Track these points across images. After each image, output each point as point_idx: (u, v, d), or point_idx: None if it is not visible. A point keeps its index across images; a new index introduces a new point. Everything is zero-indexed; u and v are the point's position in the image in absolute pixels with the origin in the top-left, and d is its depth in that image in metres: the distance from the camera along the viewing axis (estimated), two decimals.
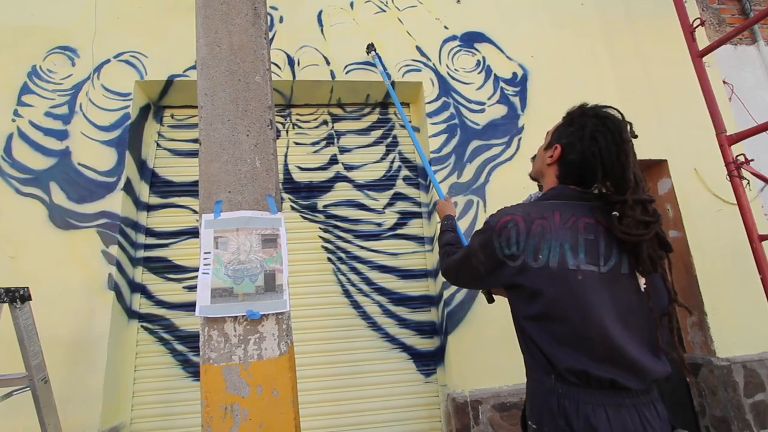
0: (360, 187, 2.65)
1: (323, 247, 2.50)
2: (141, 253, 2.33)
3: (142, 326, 2.25)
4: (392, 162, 2.73)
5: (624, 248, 0.92)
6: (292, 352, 1.19)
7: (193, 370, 2.22)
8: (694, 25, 2.32)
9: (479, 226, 2.43)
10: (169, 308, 2.28)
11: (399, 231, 2.60)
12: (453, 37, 2.79)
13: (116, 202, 2.18)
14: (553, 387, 0.90)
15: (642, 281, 0.92)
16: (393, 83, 2.60)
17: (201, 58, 1.32)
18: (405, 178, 2.70)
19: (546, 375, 0.93)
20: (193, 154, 2.53)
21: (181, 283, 2.33)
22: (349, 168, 2.67)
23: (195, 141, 2.56)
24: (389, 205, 2.65)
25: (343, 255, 2.50)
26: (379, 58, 2.51)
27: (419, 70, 2.68)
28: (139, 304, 2.27)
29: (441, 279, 2.38)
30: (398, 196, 2.67)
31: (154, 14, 2.51)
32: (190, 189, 2.46)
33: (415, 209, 2.65)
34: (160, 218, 2.41)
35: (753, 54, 3.19)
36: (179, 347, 2.24)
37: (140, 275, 2.31)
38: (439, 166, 2.51)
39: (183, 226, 2.41)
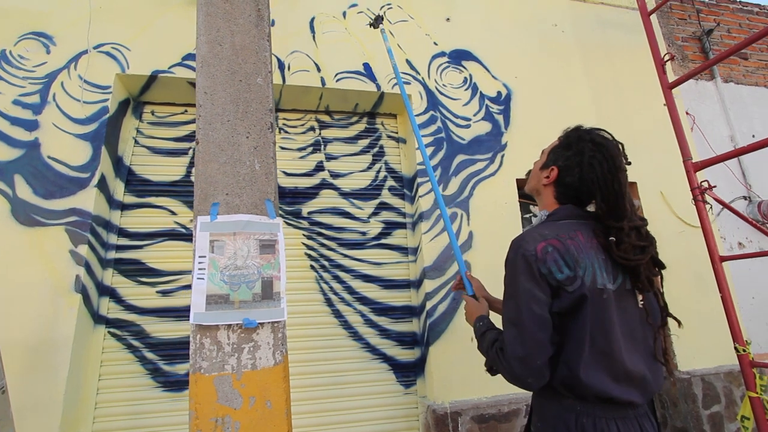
0: (345, 195, 2.63)
1: (306, 254, 2.46)
2: (112, 255, 2.20)
3: (109, 332, 2.11)
4: (378, 172, 2.74)
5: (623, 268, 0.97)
6: (287, 361, 1.16)
7: (163, 380, 2.10)
8: (665, 59, 2.50)
9: (464, 238, 2.49)
10: (140, 314, 2.16)
11: (383, 240, 2.60)
12: (442, 54, 2.86)
13: (89, 200, 2.06)
14: (571, 406, 0.92)
15: (639, 297, 0.97)
16: (382, 95, 2.63)
17: (201, 55, 1.28)
18: (390, 189, 2.72)
19: (565, 394, 0.93)
20: (173, 153, 2.44)
21: (154, 287, 2.21)
22: (335, 175, 2.66)
23: (176, 140, 2.47)
24: (374, 214, 2.65)
25: (326, 263, 2.47)
26: (385, 36, 2.24)
27: (408, 83, 2.72)
28: (108, 308, 2.14)
29: (424, 289, 2.38)
30: (383, 206, 2.67)
31: (140, 7, 2.42)
32: (169, 189, 2.37)
33: (400, 219, 2.67)
34: (134, 218, 2.29)
35: (711, 89, 3.47)
36: (149, 355, 2.12)
37: (110, 278, 2.18)
38: (425, 178, 2.55)
39: (159, 228, 2.30)
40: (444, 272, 2.40)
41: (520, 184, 2.69)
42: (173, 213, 2.34)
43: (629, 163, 1.05)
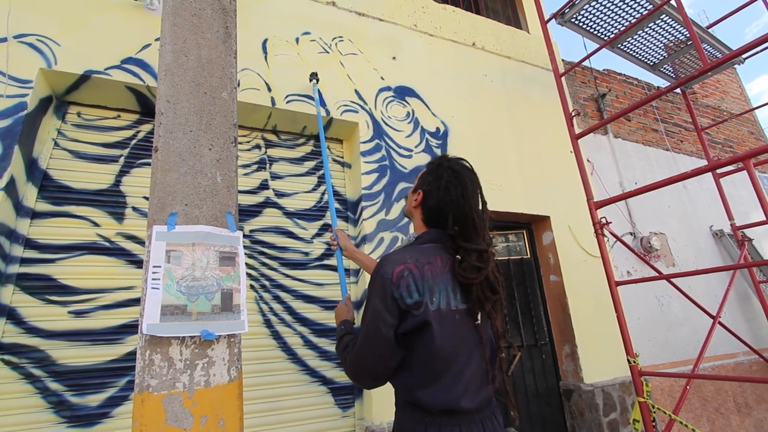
0: (290, 215, 2.62)
1: (247, 273, 2.37)
2: (14, 269, 1.91)
3: (2, 360, 1.80)
4: (323, 194, 2.79)
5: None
6: (241, 378, 1.13)
7: (69, 415, 1.83)
8: (573, 114, 2.98)
9: None
10: (46, 337, 1.89)
11: (326, 261, 2.62)
12: (387, 88, 3.07)
13: None
14: (420, 418, 0.99)
15: (477, 318, 1.05)
16: (331, 120, 2.73)
17: (165, 63, 1.26)
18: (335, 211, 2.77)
19: (416, 409, 1.00)
20: (101, 159, 2.24)
21: (66, 306, 1.96)
22: (280, 195, 2.65)
23: (105, 145, 2.28)
24: (318, 235, 2.67)
25: (267, 283, 2.41)
26: (319, 92, 2.58)
27: (356, 112, 2.86)
28: (2, 331, 1.83)
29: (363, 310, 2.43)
30: (327, 227, 2.71)
31: (74, 1, 2.25)
32: (94, 198, 2.15)
33: None
34: (47, 228, 2.04)
35: (605, 142, 4.16)
36: (54, 386, 1.84)
37: (9, 296, 1.88)
38: (369, 202, 2.65)
39: (77, 240, 2.07)
40: None
41: None
42: (96, 224, 2.12)
43: (485, 203, 1.14)
